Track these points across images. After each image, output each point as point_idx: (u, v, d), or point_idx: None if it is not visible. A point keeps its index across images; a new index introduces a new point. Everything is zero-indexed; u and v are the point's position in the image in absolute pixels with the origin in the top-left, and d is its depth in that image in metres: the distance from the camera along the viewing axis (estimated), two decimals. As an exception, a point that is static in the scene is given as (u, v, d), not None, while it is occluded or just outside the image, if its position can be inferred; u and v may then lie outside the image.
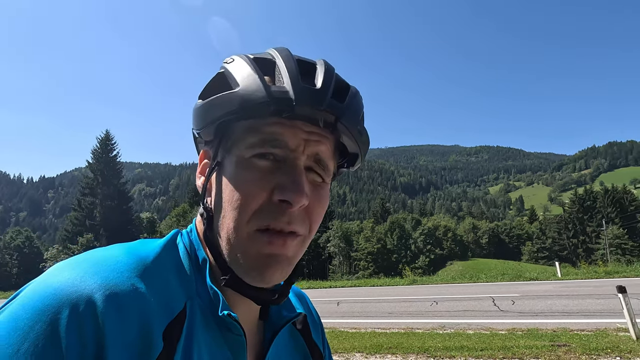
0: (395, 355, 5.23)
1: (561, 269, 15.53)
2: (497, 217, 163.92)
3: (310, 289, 17.55)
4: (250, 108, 0.42)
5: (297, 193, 0.42)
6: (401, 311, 9.17)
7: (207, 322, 0.42)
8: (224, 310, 0.41)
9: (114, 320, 0.35)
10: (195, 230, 0.49)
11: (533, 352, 4.78)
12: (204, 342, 0.41)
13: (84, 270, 0.37)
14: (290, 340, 0.56)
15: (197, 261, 0.46)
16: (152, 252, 0.43)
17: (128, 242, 0.45)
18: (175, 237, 0.48)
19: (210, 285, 0.43)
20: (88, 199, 45.09)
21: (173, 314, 0.39)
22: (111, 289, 0.36)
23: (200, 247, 0.47)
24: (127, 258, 0.40)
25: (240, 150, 0.44)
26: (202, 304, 0.43)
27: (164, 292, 0.40)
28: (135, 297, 0.37)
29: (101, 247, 0.43)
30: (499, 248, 73.52)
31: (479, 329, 6.55)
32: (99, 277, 0.37)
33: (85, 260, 0.39)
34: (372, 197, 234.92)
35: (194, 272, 0.45)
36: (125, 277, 0.38)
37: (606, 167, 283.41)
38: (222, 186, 0.44)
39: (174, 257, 0.44)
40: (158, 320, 0.37)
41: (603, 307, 7.52)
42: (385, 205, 79.99)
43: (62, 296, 0.35)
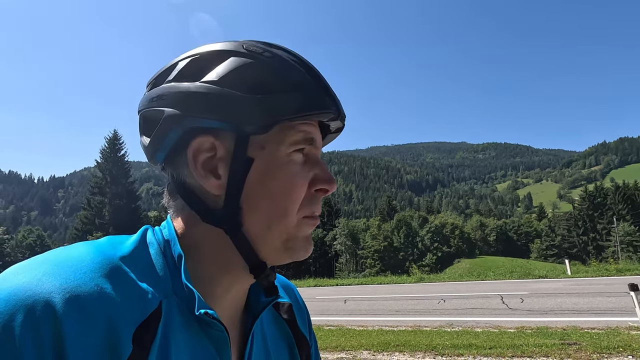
0: (402, 353, 5.22)
1: (571, 267, 15.33)
2: (505, 214, 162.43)
3: (317, 287, 17.59)
4: (314, 112, 0.44)
5: (332, 182, 0.47)
6: (408, 309, 9.14)
7: (186, 320, 0.41)
8: (200, 308, 0.40)
9: (75, 324, 0.33)
10: (171, 227, 0.47)
11: (543, 350, 4.73)
12: (183, 341, 0.41)
13: (43, 271, 0.35)
14: (277, 330, 0.56)
15: (172, 258, 0.44)
16: (119, 250, 0.41)
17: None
18: (145, 233, 0.46)
19: (185, 283, 0.42)
20: (97, 198, 45.65)
21: (145, 313, 0.37)
22: (72, 291, 0.34)
23: (176, 243, 0.45)
24: (92, 257, 0.38)
25: (280, 146, 0.44)
26: (180, 302, 0.42)
27: (133, 292, 0.38)
28: (99, 298, 0.35)
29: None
30: (507, 246, 72.88)
31: (488, 327, 6.50)
32: (59, 279, 0.34)
33: (45, 261, 0.37)
34: (378, 195, 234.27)
35: (169, 270, 0.43)
36: (89, 277, 0.36)
37: (617, 164, 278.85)
38: (260, 182, 0.44)
39: (144, 254, 0.43)
40: (126, 322, 0.36)
41: (614, 305, 7.41)
42: (392, 203, 79.67)
43: (16, 300, 0.32)
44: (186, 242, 0.45)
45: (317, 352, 0.63)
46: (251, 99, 0.43)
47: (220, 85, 0.43)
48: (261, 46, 0.46)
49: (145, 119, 0.47)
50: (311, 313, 0.60)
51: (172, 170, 0.47)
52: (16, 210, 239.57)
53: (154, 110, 0.45)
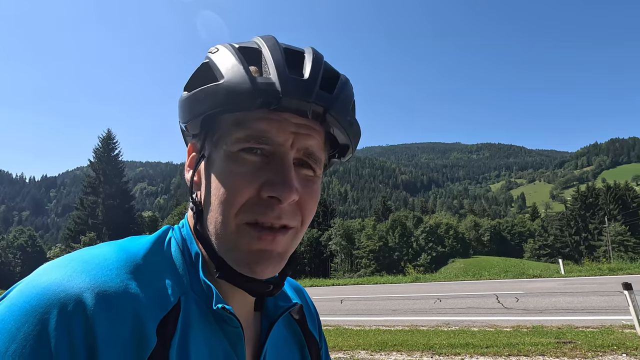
0: (400, 352, 5.23)
1: (564, 266, 15.49)
2: (498, 214, 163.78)
3: (313, 287, 17.56)
4: (235, 101, 0.41)
5: (286, 189, 0.41)
6: (405, 309, 9.17)
7: (203, 316, 0.42)
8: (218, 303, 0.41)
9: (104, 319, 0.35)
10: (187, 225, 0.48)
11: (539, 349, 4.77)
12: (201, 336, 0.41)
13: (72, 269, 0.37)
14: (288, 331, 0.56)
15: (190, 256, 0.45)
16: (142, 249, 0.42)
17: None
18: (166, 232, 0.48)
19: (204, 279, 0.43)
20: (90, 197, 45.19)
21: (166, 308, 0.39)
22: (100, 287, 0.36)
23: (193, 242, 0.46)
24: (117, 255, 0.40)
25: (227, 144, 0.43)
26: (198, 298, 0.43)
27: (155, 288, 0.39)
28: (125, 294, 0.37)
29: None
30: (500, 245, 73.44)
31: (484, 326, 6.55)
32: (88, 276, 0.36)
33: (73, 259, 0.38)
34: (373, 195, 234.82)
35: (187, 267, 0.44)
36: (115, 274, 0.37)
37: (608, 164, 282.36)
38: (210, 180, 0.44)
39: (165, 252, 0.44)
40: (151, 316, 0.37)
41: (608, 304, 7.49)
42: (387, 203, 79.96)
43: (49, 296, 0.34)
44: (202, 240, 0.46)
45: (327, 353, 0.63)
46: (184, 98, 0.45)
47: (184, 90, 0.46)
48: (221, 46, 0.46)
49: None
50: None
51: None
52: (7, 210, 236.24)
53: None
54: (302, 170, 0.45)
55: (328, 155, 0.50)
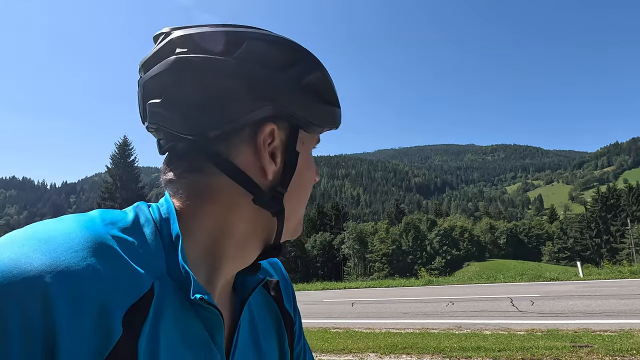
0: (410, 355, 5.17)
1: (583, 269, 15.07)
2: (515, 216, 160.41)
3: (325, 290, 17.54)
4: (336, 125, 0.52)
5: (319, 175, 0.54)
6: (416, 312, 9.06)
7: (180, 303, 0.40)
8: (196, 293, 0.39)
9: (65, 305, 0.31)
10: (171, 205, 0.44)
11: (553, 353, 4.65)
12: (176, 324, 0.39)
13: (31, 247, 0.33)
14: (265, 307, 0.56)
15: (169, 237, 0.41)
16: (111, 227, 0.38)
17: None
18: (140, 210, 0.43)
19: (182, 265, 0.39)
20: (108, 203, 46.28)
21: (137, 295, 0.36)
22: (63, 270, 0.32)
23: (175, 222, 0.42)
24: (83, 234, 0.35)
25: (311, 145, 0.51)
26: (175, 284, 0.40)
27: (125, 272, 0.36)
28: (91, 279, 0.33)
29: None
30: (517, 248, 71.78)
31: (497, 330, 6.42)
32: (49, 256, 0.32)
33: (32, 236, 0.34)
34: (386, 198, 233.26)
35: (165, 250, 0.41)
36: (80, 256, 0.34)
37: (630, 164, 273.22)
38: (301, 173, 0.49)
39: (139, 233, 0.40)
40: (117, 303, 0.34)
41: (628, 307, 7.25)
42: (400, 206, 79.27)
43: (2, 277, 0.31)
44: (189, 223, 0.43)
45: (302, 329, 0.63)
46: (322, 106, 0.49)
47: (299, 83, 0.47)
48: (316, 59, 0.50)
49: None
50: (318, 316, 0.73)
51: (219, 146, 0.43)
52: (29, 216, 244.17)
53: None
54: None
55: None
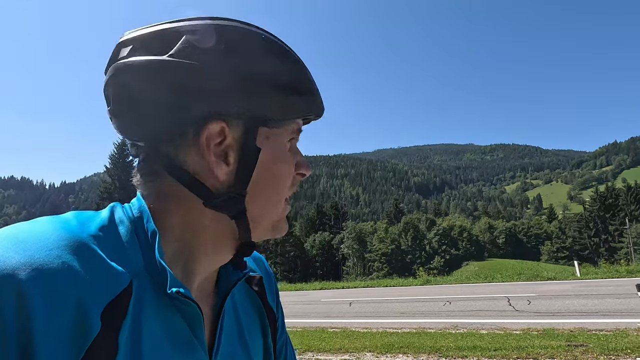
0: (406, 354, 5.19)
1: (580, 269, 15.11)
2: (514, 216, 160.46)
3: (323, 290, 17.56)
4: (315, 113, 0.49)
5: (309, 168, 0.51)
6: (413, 311, 9.08)
7: (159, 299, 0.41)
8: (172, 287, 0.40)
9: (40, 302, 0.32)
10: (143, 203, 0.45)
11: (548, 352, 4.67)
12: (156, 319, 0.40)
13: (5, 247, 0.34)
14: (248, 302, 0.57)
15: (144, 235, 0.42)
16: (87, 227, 0.39)
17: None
18: (114, 209, 0.44)
19: (159, 260, 0.41)
20: (106, 203, 44.86)
21: (114, 292, 0.36)
22: (38, 268, 0.33)
23: (150, 220, 0.43)
24: (58, 233, 0.36)
25: (281, 137, 0.47)
26: (152, 280, 0.41)
27: (102, 270, 0.36)
28: (67, 276, 0.34)
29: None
30: (516, 248, 71.91)
31: (493, 329, 6.44)
32: (23, 255, 0.33)
33: (6, 236, 0.35)
34: (385, 198, 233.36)
35: (141, 247, 0.42)
36: (55, 254, 0.34)
37: (629, 164, 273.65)
38: (267, 170, 0.46)
39: (114, 232, 0.41)
40: (94, 300, 0.34)
41: (624, 306, 7.28)
42: (399, 206, 79.32)
43: None
44: (161, 220, 0.44)
45: (284, 324, 0.64)
46: (280, 97, 0.45)
47: (246, 75, 0.44)
48: (282, 44, 0.47)
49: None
50: (316, 316, 0.75)
51: (168, 150, 0.44)
52: (28, 216, 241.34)
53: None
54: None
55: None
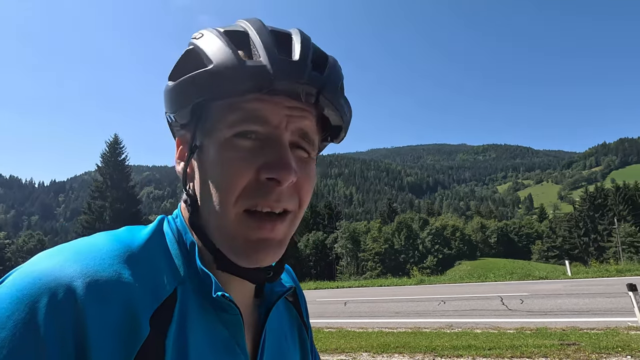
0: (402, 354, 5.23)
1: (571, 268, 15.32)
2: (505, 216, 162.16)
3: (317, 290, 17.56)
4: (225, 86, 0.40)
5: (284, 170, 0.40)
6: (408, 311, 9.14)
7: (202, 305, 0.42)
8: (217, 291, 0.41)
9: (95, 307, 0.34)
10: (181, 216, 0.48)
11: (542, 351, 4.74)
12: (199, 325, 0.41)
13: (65, 257, 0.37)
14: (285, 313, 0.57)
15: (185, 246, 0.45)
16: (137, 239, 0.42)
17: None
18: (161, 223, 0.47)
19: (201, 268, 0.43)
20: (98, 202, 45.67)
21: (160, 299, 0.39)
22: (92, 276, 0.36)
23: (188, 232, 0.46)
24: (111, 245, 0.39)
25: (221, 131, 0.42)
26: (195, 287, 0.42)
27: (150, 278, 0.39)
28: (118, 283, 0.36)
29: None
30: (508, 247, 72.70)
31: (487, 328, 6.51)
32: (80, 265, 0.36)
33: (66, 248, 0.39)
34: (379, 198, 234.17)
35: (183, 257, 0.44)
36: (107, 264, 0.37)
37: (617, 164, 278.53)
38: (205, 169, 0.43)
39: (160, 242, 0.44)
40: (144, 306, 0.37)
41: (614, 305, 7.41)
42: (392, 206, 79.68)
43: (40, 285, 0.34)
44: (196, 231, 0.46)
45: (312, 336, 0.64)
46: (171, 87, 0.44)
47: (169, 79, 0.45)
48: (205, 31, 0.44)
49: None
50: (311, 315, 0.61)
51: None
52: (17, 215, 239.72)
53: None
54: (297, 152, 0.44)
55: (320, 138, 0.49)
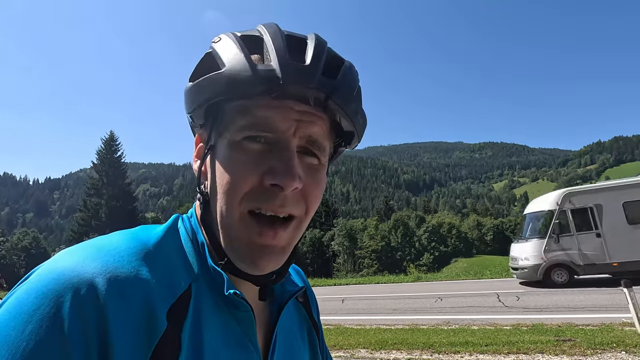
0: (400, 351, 5.25)
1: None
2: (501, 213, 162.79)
3: (315, 287, 17.58)
4: (236, 89, 0.41)
5: (288, 177, 0.41)
6: (406, 308, 9.18)
7: (215, 302, 0.44)
8: (229, 289, 0.42)
9: (115, 302, 0.36)
10: (195, 215, 0.50)
11: (538, 347, 4.78)
12: (213, 320, 0.43)
13: (86, 255, 0.38)
14: (295, 314, 0.57)
15: (197, 244, 0.47)
16: (153, 237, 0.44)
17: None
18: (176, 221, 0.49)
19: (213, 266, 0.44)
20: (93, 199, 45.44)
21: (176, 295, 0.40)
22: (112, 273, 0.37)
23: (199, 231, 0.48)
24: (129, 243, 0.41)
25: (231, 133, 0.43)
26: (208, 284, 0.44)
27: (166, 274, 0.41)
28: (136, 279, 0.38)
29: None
30: (504, 245, 72.79)
31: (484, 325, 6.56)
32: (100, 262, 0.38)
33: (87, 246, 0.40)
34: (375, 195, 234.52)
35: (197, 255, 0.46)
36: (126, 261, 0.39)
37: (612, 162, 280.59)
38: (215, 169, 0.45)
39: (175, 241, 0.46)
40: (161, 301, 0.38)
41: (609, 302, 7.49)
42: (389, 203, 80.00)
43: (64, 280, 0.36)
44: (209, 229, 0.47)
45: (323, 336, 0.64)
46: (189, 87, 0.45)
47: (189, 80, 0.46)
48: (224, 35, 0.46)
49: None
50: None
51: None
52: (11, 213, 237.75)
53: None
54: (306, 159, 0.45)
55: (334, 144, 0.49)
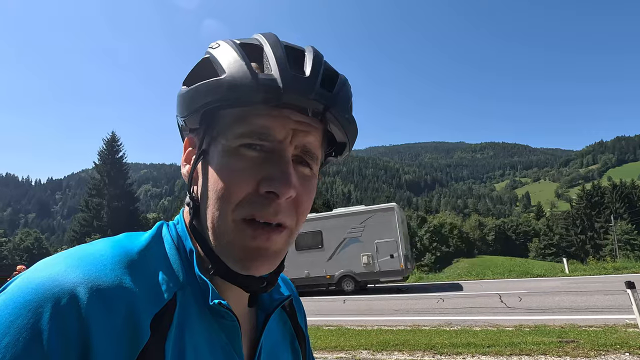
0: (401, 352, 5.23)
1: (569, 265, 15.40)
2: (503, 213, 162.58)
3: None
4: (236, 96, 0.41)
5: (284, 185, 0.41)
6: (407, 308, 9.16)
7: (200, 311, 0.43)
8: (214, 299, 0.42)
9: (97, 312, 0.35)
10: (182, 221, 0.49)
11: (541, 348, 4.76)
12: (198, 329, 0.42)
13: (67, 264, 0.38)
14: (280, 323, 0.57)
15: (184, 252, 0.46)
16: (137, 245, 0.43)
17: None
18: (160, 229, 0.48)
19: (199, 275, 0.44)
20: (95, 200, 45.53)
21: (161, 304, 0.39)
22: (94, 282, 0.36)
23: (187, 238, 0.47)
24: (112, 251, 0.40)
25: (228, 139, 0.43)
26: (195, 293, 0.44)
27: (150, 283, 0.40)
28: (119, 289, 0.37)
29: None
30: (505, 245, 73.03)
31: (486, 326, 6.53)
32: (82, 271, 0.37)
33: (69, 255, 0.39)
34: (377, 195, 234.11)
35: (182, 263, 0.45)
36: (109, 269, 0.38)
37: (614, 162, 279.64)
38: (208, 175, 0.44)
39: (160, 249, 0.45)
40: (144, 310, 0.38)
41: (611, 303, 7.45)
42: (390, 203, 79.66)
43: (43, 291, 0.35)
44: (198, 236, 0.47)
45: (310, 347, 0.64)
46: (184, 92, 0.45)
47: (183, 84, 0.46)
48: (222, 41, 0.46)
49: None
50: (309, 313, 0.58)
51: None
52: (13, 213, 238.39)
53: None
54: (299, 168, 0.45)
55: (325, 154, 0.50)
